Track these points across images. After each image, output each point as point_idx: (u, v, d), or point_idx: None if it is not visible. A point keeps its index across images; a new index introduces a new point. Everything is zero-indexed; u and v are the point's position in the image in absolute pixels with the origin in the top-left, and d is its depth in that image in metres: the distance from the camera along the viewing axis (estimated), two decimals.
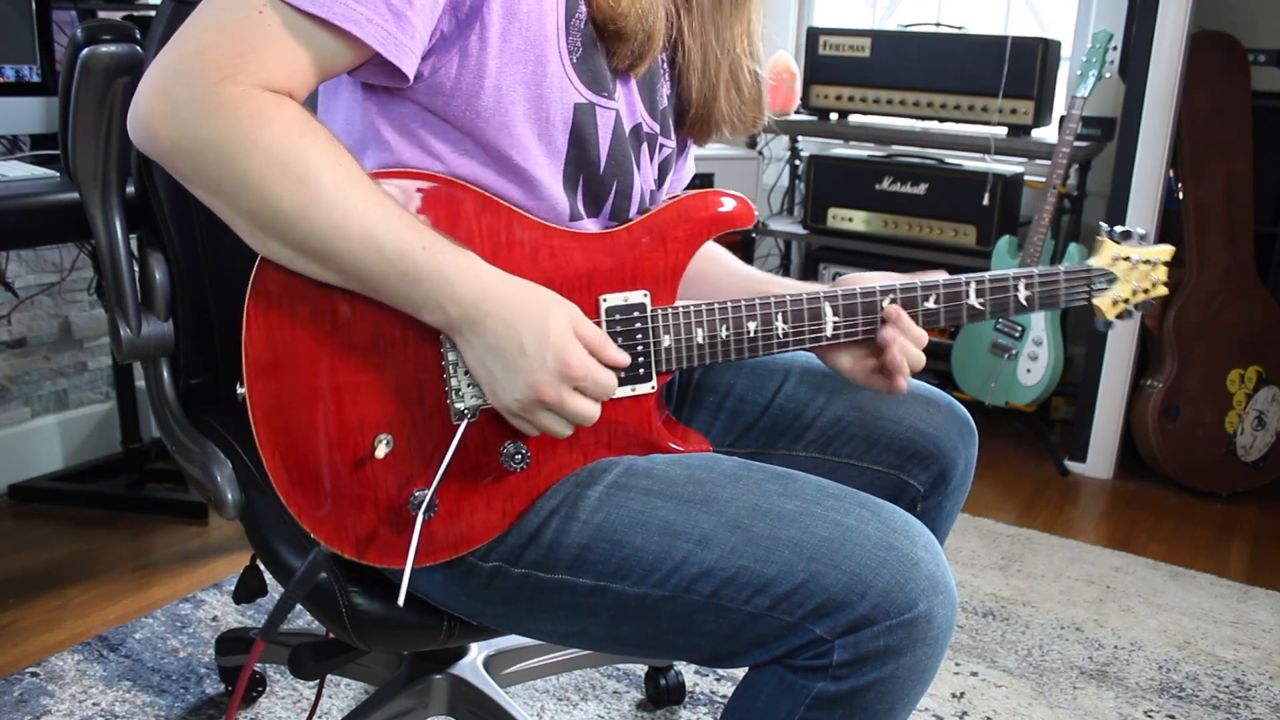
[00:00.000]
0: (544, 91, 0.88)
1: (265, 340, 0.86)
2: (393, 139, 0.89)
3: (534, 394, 0.84)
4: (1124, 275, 1.09)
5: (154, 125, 0.78)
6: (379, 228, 0.81)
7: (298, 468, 0.87)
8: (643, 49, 0.92)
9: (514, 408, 0.86)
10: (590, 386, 0.85)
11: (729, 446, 1.14)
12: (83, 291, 2.36)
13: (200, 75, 0.76)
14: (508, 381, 0.84)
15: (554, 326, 0.84)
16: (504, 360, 0.84)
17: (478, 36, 0.85)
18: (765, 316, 0.98)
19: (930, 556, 0.85)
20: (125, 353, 1.12)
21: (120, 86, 1.05)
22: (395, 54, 0.80)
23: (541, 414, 0.85)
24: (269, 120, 0.77)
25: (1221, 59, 2.59)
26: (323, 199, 0.79)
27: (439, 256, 0.82)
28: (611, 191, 0.96)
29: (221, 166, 0.78)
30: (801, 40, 3.22)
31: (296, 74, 0.79)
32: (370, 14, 0.78)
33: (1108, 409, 2.62)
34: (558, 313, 0.85)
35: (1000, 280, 1.04)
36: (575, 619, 0.92)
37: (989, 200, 2.73)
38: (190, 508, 2.19)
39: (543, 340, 0.83)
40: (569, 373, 0.84)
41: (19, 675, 1.62)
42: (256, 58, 0.77)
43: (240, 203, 0.80)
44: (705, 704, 1.64)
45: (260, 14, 0.77)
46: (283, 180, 0.78)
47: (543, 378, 0.83)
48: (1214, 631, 1.95)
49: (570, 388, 0.84)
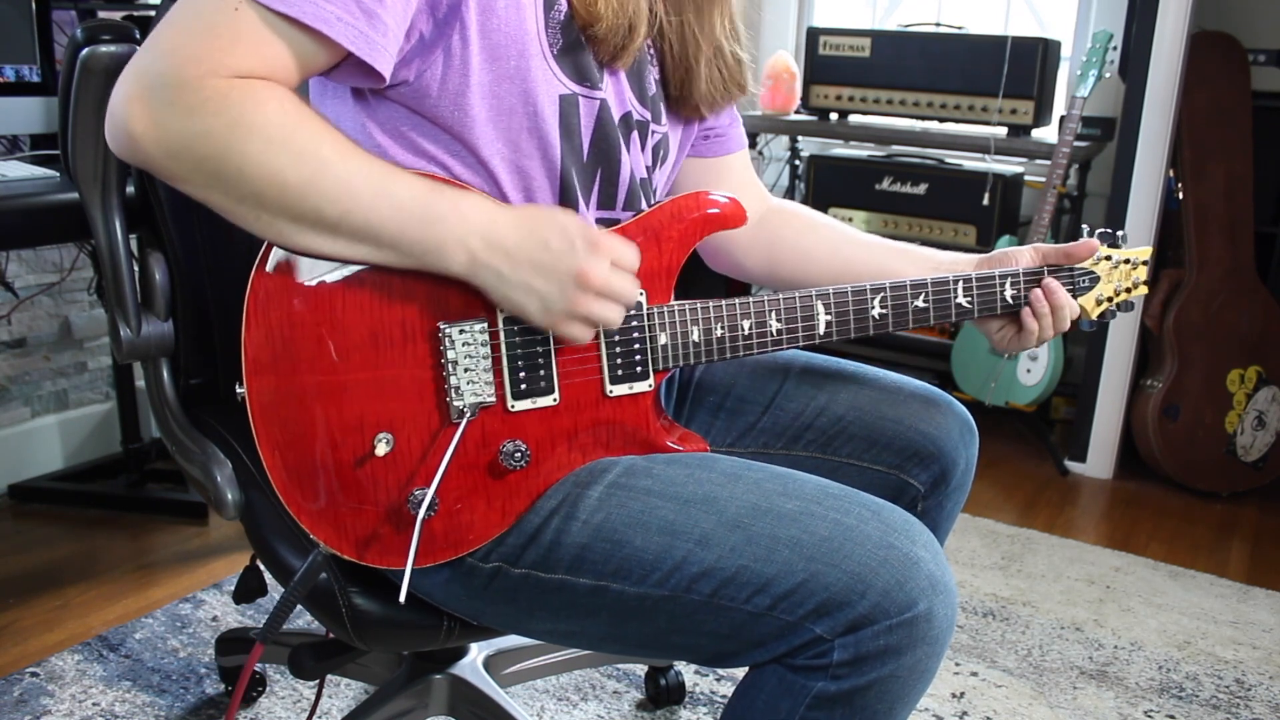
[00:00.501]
0: (529, 86, 0.89)
1: (264, 339, 0.86)
2: (385, 142, 0.90)
3: (580, 280, 0.86)
4: (1105, 275, 1.11)
5: (134, 130, 0.77)
6: (387, 180, 0.82)
7: (297, 467, 0.87)
8: (624, 43, 0.93)
9: (566, 307, 0.87)
10: (622, 256, 0.89)
11: (729, 446, 1.14)
12: (83, 291, 2.36)
13: (180, 72, 0.76)
14: (550, 284, 0.86)
15: (564, 217, 0.87)
16: (536, 265, 0.85)
17: (459, 37, 0.85)
18: (759, 315, 0.98)
19: (930, 556, 0.85)
20: (125, 353, 1.12)
21: None
22: (368, 52, 0.80)
23: (593, 302, 0.87)
24: (261, 101, 0.77)
25: (1221, 59, 2.59)
26: (328, 166, 0.80)
27: (448, 192, 0.84)
28: (596, 178, 0.97)
29: (217, 156, 0.77)
30: (801, 40, 3.22)
31: (278, 68, 0.79)
32: (340, 12, 0.79)
33: (1108, 409, 2.62)
34: (560, 210, 0.89)
35: (986, 279, 1.05)
36: (575, 619, 0.92)
37: (989, 200, 2.73)
38: (190, 508, 2.19)
39: (563, 230, 0.86)
40: (599, 248, 0.87)
41: (19, 675, 1.62)
42: (237, 51, 0.77)
43: (242, 188, 0.79)
44: (705, 704, 1.64)
45: (236, 11, 0.77)
46: (284, 155, 0.78)
47: (580, 260, 0.86)
48: (1214, 631, 1.95)
49: (608, 262, 0.87)
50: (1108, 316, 1.13)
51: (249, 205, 0.80)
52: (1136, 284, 1.12)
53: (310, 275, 0.86)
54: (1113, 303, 1.12)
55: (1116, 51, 2.52)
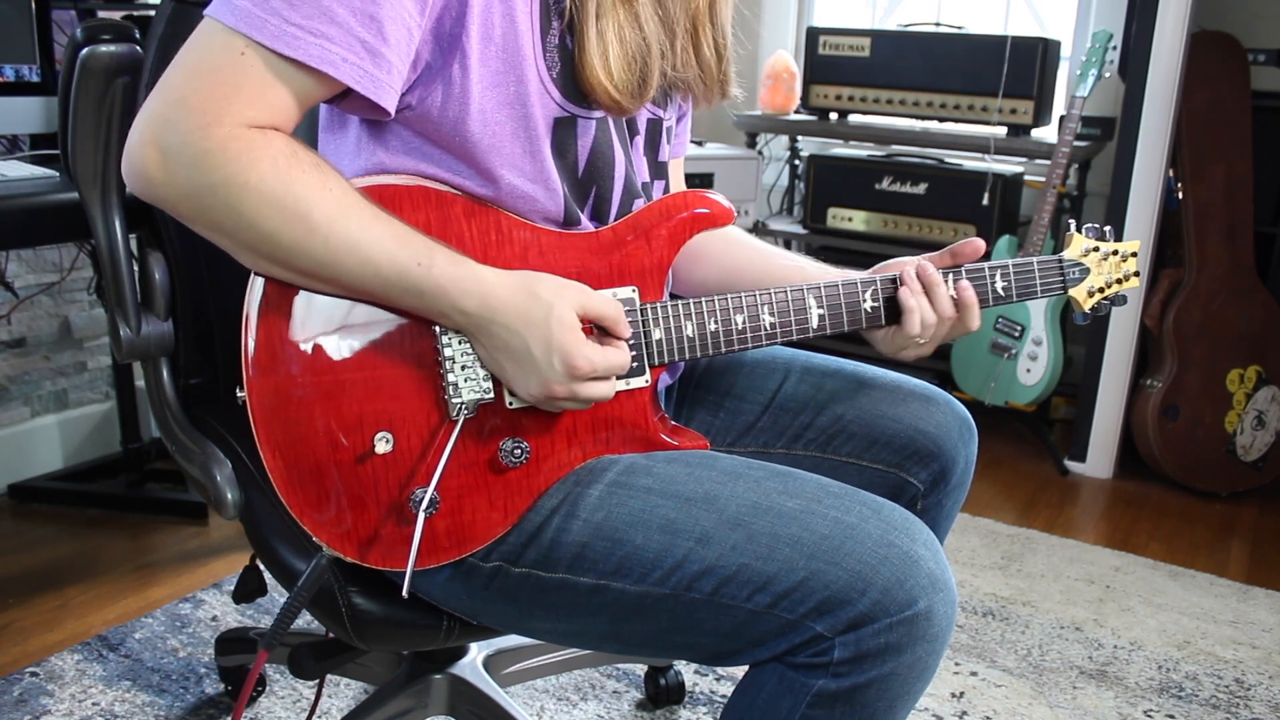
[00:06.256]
0: (528, 110, 0.90)
1: (264, 339, 0.86)
2: (390, 162, 0.91)
3: (546, 392, 0.87)
4: (1095, 266, 1.12)
5: (150, 174, 0.80)
6: (373, 251, 0.83)
7: (297, 467, 0.88)
8: (641, 90, 0.94)
9: (530, 401, 0.90)
10: (602, 373, 0.88)
11: (730, 445, 1.14)
12: (83, 291, 2.36)
13: (186, 121, 0.78)
14: (521, 379, 0.88)
15: (557, 329, 0.86)
16: (514, 360, 0.87)
17: (459, 65, 0.86)
18: (751, 310, 0.99)
19: (930, 554, 0.85)
20: (125, 352, 1.12)
21: (120, 86, 1.05)
22: (373, 91, 0.82)
23: (559, 403, 0.89)
24: (256, 159, 0.79)
25: (1221, 59, 2.59)
26: (317, 231, 0.81)
27: (434, 271, 0.84)
28: (591, 195, 0.97)
29: (218, 209, 0.80)
30: (801, 40, 3.23)
31: (280, 111, 0.81)
32: (346, 53, 0.80)
33: (1107, 409, 2.62)
34: (560, 311, 0.87)
35: (977, 272, 1.06)
36: (576, 618, 0.92)
37: (989, 200, 2.73)
38: (190, 508, 2.19)
39: (548, 345, 0.86)
40: (576, 374, 0.86)
41: (19, 675, 1.62)
42: (240, 99, 0.79)
43: (241, 238, 0.83)
44: (705, 704, 1.64)
45: (242, 55, 0.79)
46: (277, 217, 0.81)
47: (552, 378, 0.86)
48: (1214, 631, 1.95)
49: (581, 384, 0.87)
50: (1101, 309, 1.13)
51: (250, 252, 0.84)
52: (1127, 275, 1.13)
53: None
54: (1104, 294, 1.12)
55: (1116, 51, 2.52)
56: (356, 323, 0.88)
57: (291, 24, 0.78)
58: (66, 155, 1.13)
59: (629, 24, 0.92)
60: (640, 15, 0.92)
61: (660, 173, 1.06)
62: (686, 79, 1.01)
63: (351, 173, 0.91)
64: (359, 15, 0.79)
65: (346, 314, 0.88)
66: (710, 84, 1.04)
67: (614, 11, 0.90)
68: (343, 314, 0.88)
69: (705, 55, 1.02)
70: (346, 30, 0.79)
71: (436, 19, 0.84)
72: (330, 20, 0.79)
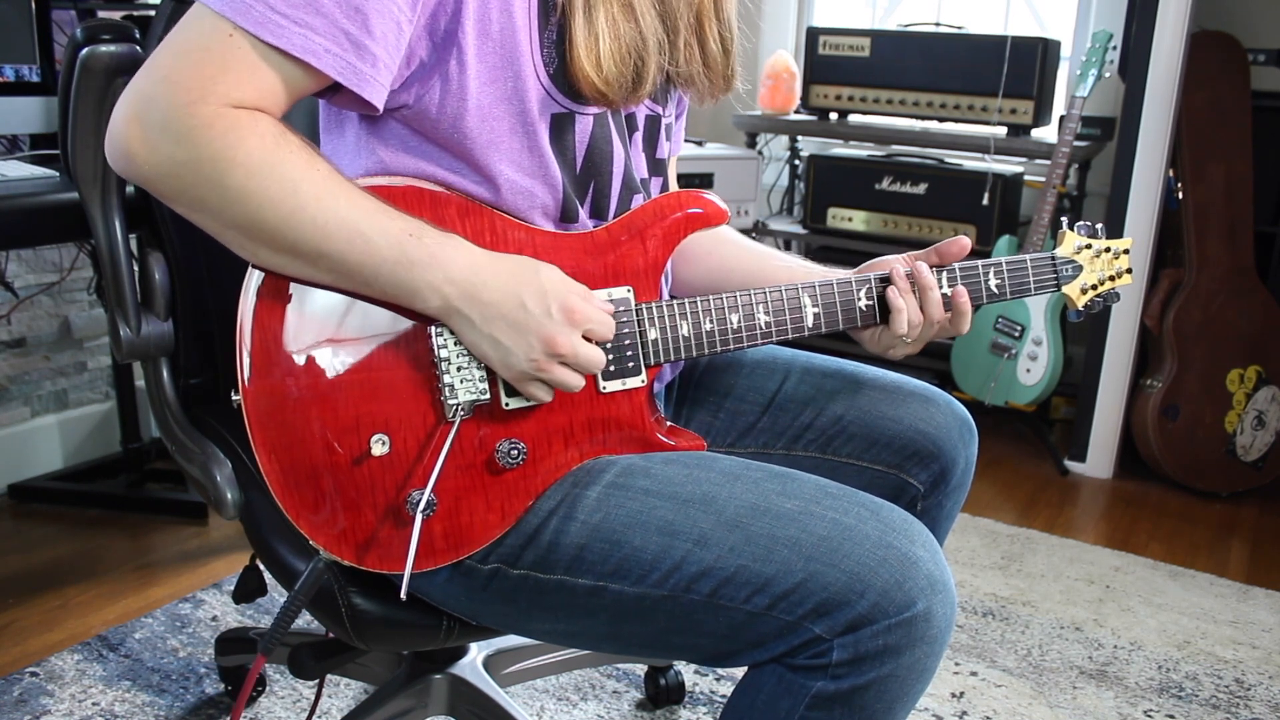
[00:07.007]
0: (525, 106, 0.89)
1: (258, 342, 0.86)
2: (390, 161, 0.91)
3: (546, 347, 0.86)
4: (1088, 263, 1.12)
5: (131, 150, 0.79)
6: (364, 223, 0.83)
7: (294, 470, 0.87)
8: (635, 86, 0.94)
9: (529, 368, 0.87)
10: (596, 328, 0.88)
11: (729, 446, 1.14)
12: (83, 291, 2.36)
13: (172, 98, 0.78)
14: (518, 343, 0.86)
15: (547, 279, 0.87)
16: (509, 322, 0.86)
17: (456, 61, 0.86)
18: (747, 309, 0.99)
19: (929, 555, 0.85)
20: (125, 352, 1.12)
21: (120, 86, 1.05)
22: (356, 83, 0.82)
23: (556, 368, 0.87)
24: (244, 136, 0.79)
25: (1221, 59, 2.59)
26: (305, 206, 0.81)
27: (426, 240, 0.84)
28: (590, 190, 0.97)
29: (201, 185, 0.80)
30: (801, 40, 3.23)
31: (267, 95, 0.81)
32: (329, 44, 0.80)
33: (1107, 409, 2.62)
34: (545, 269, 0.88)
35: (970, 269, 1.06)
36: (574, 619, 0.92)
37: (989, 200, 2.73)
38: (190, 508, 2.19)
39: (541, 293, 0.86)
40: (574, 317, 0.86)
41: (19, 675, 1.62)
42: (227, 79, 0.79)
43: (225, 217, 0.82)
44: (705, 704, 1.64)
45: (230, 37, 0.79)
46: (263, 193, 0.80)
47: (551, 327, 0.86)
48: (1214, 631, 1.95)
49: (579, 334, 0.87)
50: (1094, 306, 1.14)
51: (233, 231, 0.83)
52: (1120, 272, 1.13)
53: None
54: (1097, 291, 1.13)
55: (1116, 51, 2.52)
56: (351, 325, 0.88)
57: (276, 11, 0.78)
58: (66, 155, 1.13)
59: (624, 17, 0.91)
60: (636, 8, 0.92)
61: (659, 169, 1.06)
62: (690, 74, 1.01)
63: (351, 173, 0.91)
64: (344, 7, 0.79)
65: (341, 317, 0.87)
66: (715, 79, 1.04)
67: (607, 3, 0.90)
68: (338, 317, 0.87)
69: (711, 50, 1.02)
70: (331, 21, 0.79)
71: (431, 15, 0.84)
72: (315, 11, 0.79)
